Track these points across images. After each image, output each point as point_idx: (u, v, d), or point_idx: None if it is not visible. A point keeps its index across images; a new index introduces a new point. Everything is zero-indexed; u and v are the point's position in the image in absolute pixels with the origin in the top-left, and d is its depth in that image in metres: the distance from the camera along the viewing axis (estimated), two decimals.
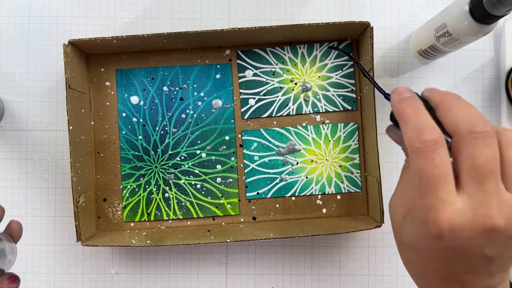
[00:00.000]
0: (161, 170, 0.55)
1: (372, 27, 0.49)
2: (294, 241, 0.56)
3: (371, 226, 0.49)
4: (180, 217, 0.55)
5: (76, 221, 0.48)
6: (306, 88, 0.55)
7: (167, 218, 0.55)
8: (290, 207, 0.55)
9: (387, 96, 0.30)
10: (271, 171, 0.55)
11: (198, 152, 0.55)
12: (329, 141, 0.55)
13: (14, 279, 0.31)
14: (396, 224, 0.28)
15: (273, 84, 0.55)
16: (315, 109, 0.55)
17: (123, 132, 0.55)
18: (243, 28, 0.49)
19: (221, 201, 0.55)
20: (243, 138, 0.55)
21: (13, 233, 0.35)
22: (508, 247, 0.24)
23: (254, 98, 0.55)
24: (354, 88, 0.55)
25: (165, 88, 0.55)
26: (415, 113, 0.25)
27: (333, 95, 0.55)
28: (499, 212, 0.23)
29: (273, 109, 0.55)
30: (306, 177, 0.55)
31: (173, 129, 0.55)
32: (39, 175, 0.55)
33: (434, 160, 0.24)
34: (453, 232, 0.24)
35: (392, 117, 0.30)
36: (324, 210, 0.55)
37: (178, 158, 0.55)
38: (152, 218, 0.55)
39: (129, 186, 0.55)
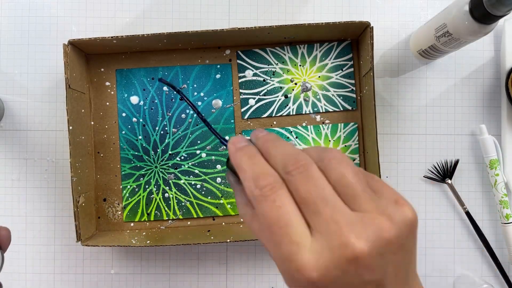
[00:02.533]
0: (161, 170, 0.55)
1: (372, 27, 0.49)
2: None
3: None
4: (180, 217, 0.55)
5: (76, 221, 0.48)
6: (306, 88, 0.55)
7: (167, 218, 0.55)
8: None
9: (224, 143, 0.30)
10: None
11: (198, 152, 0.55)
12: (329, 141, 0.55)
13: None
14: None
15: (273, 84, 0.55)
16: (315, 109, 0.55)
17: (123, 132, 0.55)
18: (243, 28, 0.49)
19: (221, 201, 0.55)
20: None
21: (2, 240, 0.33)
22: (387, 263, 0.22)
23: (254, 98, 0.55)
24: (354, 88, 0.55)
25: (165, 88, 0.55)
26: (251, 162, 0.25)
27: (333, 95, 0.55)
28: (353, 235, 0.21)
29: (273, 109, 0.55)
30: None
31: (173, 129, 0.55)
32: (39, 175, 0.55)
33: (275, 202, 0.23)
34: (324, 278, 0.21)
35: (228, 164, 0.29)
36: None
37: (178, 158, 0.55)
38: (152, 218, 0.55)
39: (129, 186, 0.55)
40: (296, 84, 0.55)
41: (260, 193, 0.23)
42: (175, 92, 0.55)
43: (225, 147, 0.30)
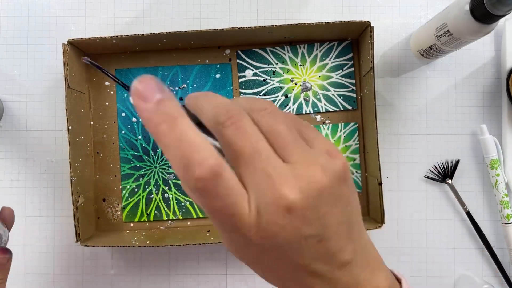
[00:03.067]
0: (160, 170, 0.55)
1: (373, 26, 0.49)
2: None
3: (372, 226, 0.49)
4: (180, 217, 0.55)
5: (76, 221, 0.48)
6: (306, 88, 0.55)
7: (166, 218, 0.55)
8: None
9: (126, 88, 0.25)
10: None
11: None
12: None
13: (6, 250, 0.31)
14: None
15: (273, 84, 0.55)
16: (316, 109, 0.55)
17: (123, 132, 0.55)
18: (243, 28, 0.49)
19: None
20: None
21: (6, 218, 0.34)
22: (325, 215, 0.21)
23: None
24: (354, 88, 0.55)
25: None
26: (176, 138, 0.20)
27: (333, 95, 0.55)
28: (286, 187, 0.20)
29: None
30: None
31: None
32: (39, 175, 0.55)
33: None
34: (262, 235, 0.21)
35: None
36: None
37: None
38: (151, 218, 0.55)
39: (128, 186, 0.55)
40: (296, 84, 0.55)
41: (196, 182, 0.21)
42: (175, 92, 0.55)
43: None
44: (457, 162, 0.55)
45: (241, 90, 0.55)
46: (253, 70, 0.55)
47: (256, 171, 0.21)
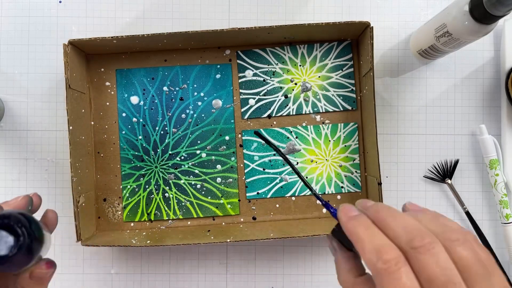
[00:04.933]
0: (161, 170, 0.55)
1: (372, 27, 0.49)
2: (294, 241, 0.56)
3: None
4: (180, 217, 0.55)
5: (76, 221, 0.48)
6: (306, 88, 0.55)
7: (167, 218, 0.55)
8: (290, 207, 0.55)
9: (334, 213, 0.30)
10: (271, 171, 0.55)
11: (198, 152, 0.55)
12: (329, 141, 0.55)
13: (51, 264, 0.31)
14: None
15: (273, 84, 0.55)
16: (315, 109, 0.55)
17: (123, 132, 0.55)
18: (243, 28, 0.49)
19: (221, 201, 0.55)
20: (243, 138, 0.55)
21: (49, 222, 0.34)
22: None
23: (254, 98, 0.55)
24: (354, 88, 0.55)
25: (165, 88, 0.55)
26: (369, 233, 0.25)
27: (333, 95, 0.55)
28: None
29: (273, 109, 0.55)
30: (306, 177, 0.55)
31: (173, 129, 0.55)
32: (39, 175, 0.55)
33: (401, 280, 0.23)
34: None
35: (334, 232, 0.29)
36: (324, 210, 0.55)
37: (178, 158, 0.55)
38: (152, 218, 0.55)
39: (129, 186, 0.55)
40: (296, 84, 0.55)
41: (385, 267, 0.23)
42: (175, 93, 0.55)
43: (319, 201, 0.32)
44: (457, 162, 0.55)
45: (241, 91, 0.55)
46: (253, 71, 0.55)
47: None
